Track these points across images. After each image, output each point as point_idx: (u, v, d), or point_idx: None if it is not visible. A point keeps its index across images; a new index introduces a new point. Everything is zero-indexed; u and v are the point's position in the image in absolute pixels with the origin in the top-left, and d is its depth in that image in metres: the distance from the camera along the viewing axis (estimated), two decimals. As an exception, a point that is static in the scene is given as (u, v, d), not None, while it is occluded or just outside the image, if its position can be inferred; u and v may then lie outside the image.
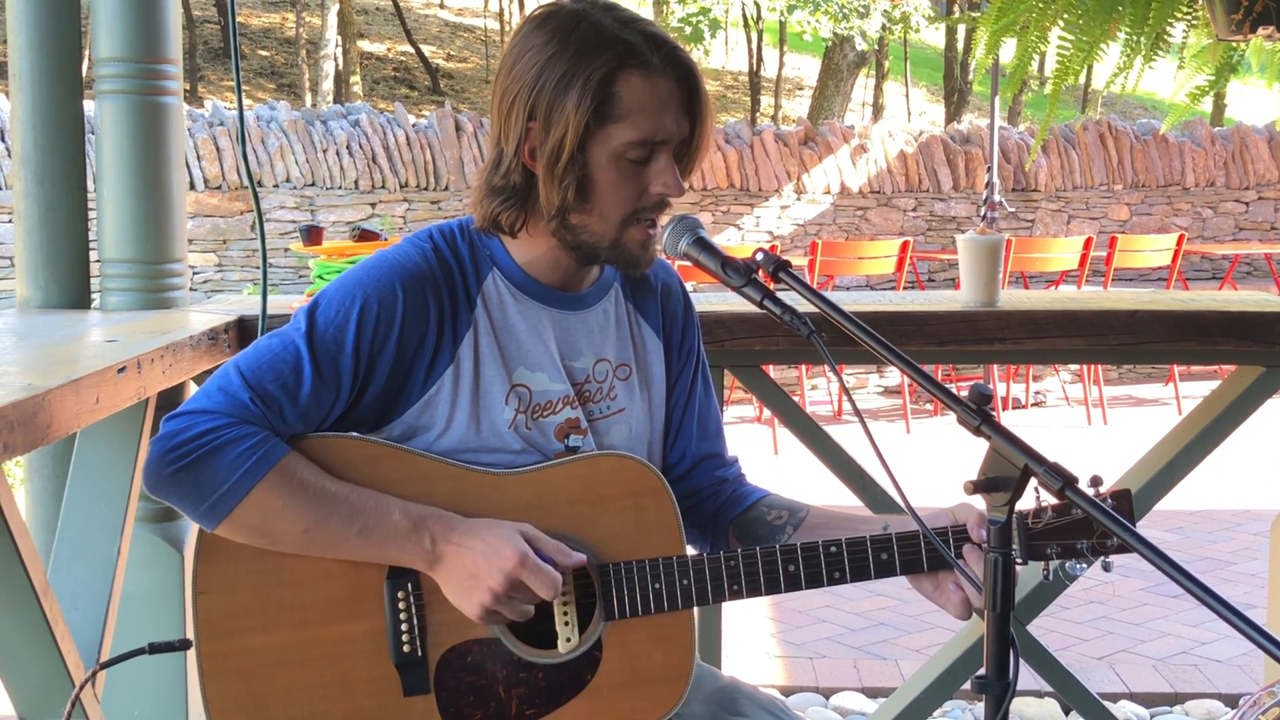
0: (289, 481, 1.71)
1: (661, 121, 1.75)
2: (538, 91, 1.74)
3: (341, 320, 1.76)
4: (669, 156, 1.78)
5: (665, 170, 1.78)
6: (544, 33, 1.76)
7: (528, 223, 1.83)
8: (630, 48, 1.73)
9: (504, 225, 1.82)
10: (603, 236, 1.80)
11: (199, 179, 8.90)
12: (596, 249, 1.82)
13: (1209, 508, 6.27)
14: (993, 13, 2.99)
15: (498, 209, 1.81)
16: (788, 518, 1.95)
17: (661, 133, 1.76)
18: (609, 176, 1.76)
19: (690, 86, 1.78)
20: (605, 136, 1.74)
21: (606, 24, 1.75)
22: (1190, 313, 2.93)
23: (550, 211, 1.78)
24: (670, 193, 1.79)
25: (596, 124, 1.73)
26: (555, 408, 1.87)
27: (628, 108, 1.73)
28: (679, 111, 1.78)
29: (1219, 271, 10.50)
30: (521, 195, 1.80)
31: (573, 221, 1.79)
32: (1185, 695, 4.07)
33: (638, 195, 1.78)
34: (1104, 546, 1.76)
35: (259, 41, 21.43)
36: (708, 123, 1.82)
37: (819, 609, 4.94)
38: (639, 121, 1.74)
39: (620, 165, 1.76)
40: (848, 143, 10.12)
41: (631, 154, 1.76)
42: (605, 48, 1.73)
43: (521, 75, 1.76)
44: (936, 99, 23.95)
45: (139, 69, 2.69)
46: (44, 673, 2.06)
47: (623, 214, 1.79)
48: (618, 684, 1.81)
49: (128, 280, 2.75)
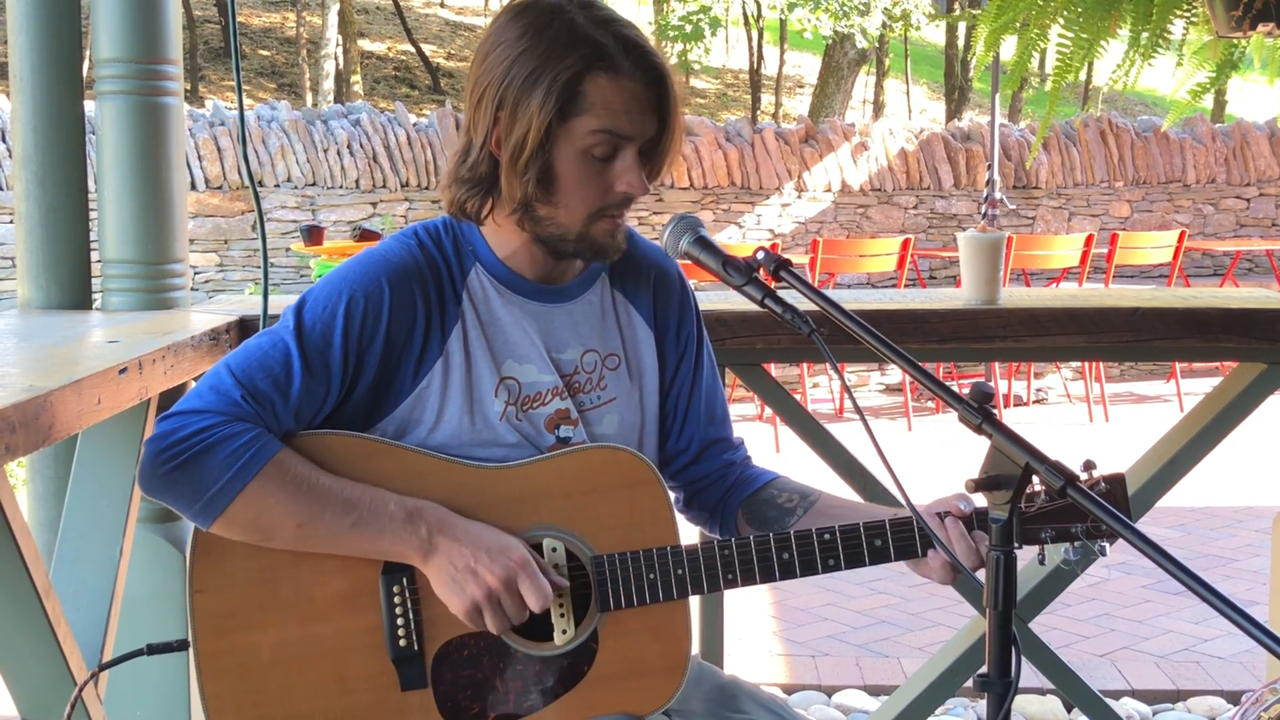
0: (282, 477, 1.73)
1: (625, 120, 1.76)
2: (506, 85, 1.76)
3: (329, 316, 1.78)
4: (634, 154, 1.79)
5: (629, 169, 1.79)
6: (518, 26, 1.78)
7: (495, 211, 1.85)
8: (600, 50, 1.75)
9: (470, 212, 1.85)
10: (569, 229, 1.82)
11: (200, 179, 8.90)
12: (564, 240, 1.84)
13: (1211, 504, 6.27)
14: (993, 10, 2.99)
15: (464, 196, 1.83)
16: (798, 500, 1.96)
17: (625, 128, 1.77)
18: (573, 172, 1.78)
19: (660, 90, 1.79)
20: (568, 131, 1.76)
21: (580, 23, 1.76)
22: (1192, 310, 2.93)
23: (512, 204, 1.80)
24: (634, 191, 1.81)
25: (559, 122, 1.75)
26: (545, 399, 1.88)
27: (591, 104, 1.75)
28: (646, 112, 1.79)
29: (1220, 268, 10.50)
30: (487, 184, 1.82)
31: (539, 213, 1.81)
32: (1188, 692, 4.07)
33: (602, 192, 1.80)
34: (1098, 530, 1.77)
35: (259, 41, 21.44)
36: (677, 124, 1.83)
37: (821, 607, 4.94)
38: (602, 115, 1.76)
39: (585, 161, 1.78)
40: (848, 140, 10.12)
41: (596, 150, 1.77)
42: (575, 48, 1.74)
43: (493, 67, 1.78)
44: (937, 96, 23.95)
45: (139, 69, 2.69)
46: (46, 673, 2.06)
47: (587, 210, 1.81)
48: (614, 675, 1.82)
49: (129, 281, 2.75)
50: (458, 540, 1.75)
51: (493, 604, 1.74)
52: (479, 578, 1.73)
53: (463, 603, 1.74)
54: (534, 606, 1.74)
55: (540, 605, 1.74)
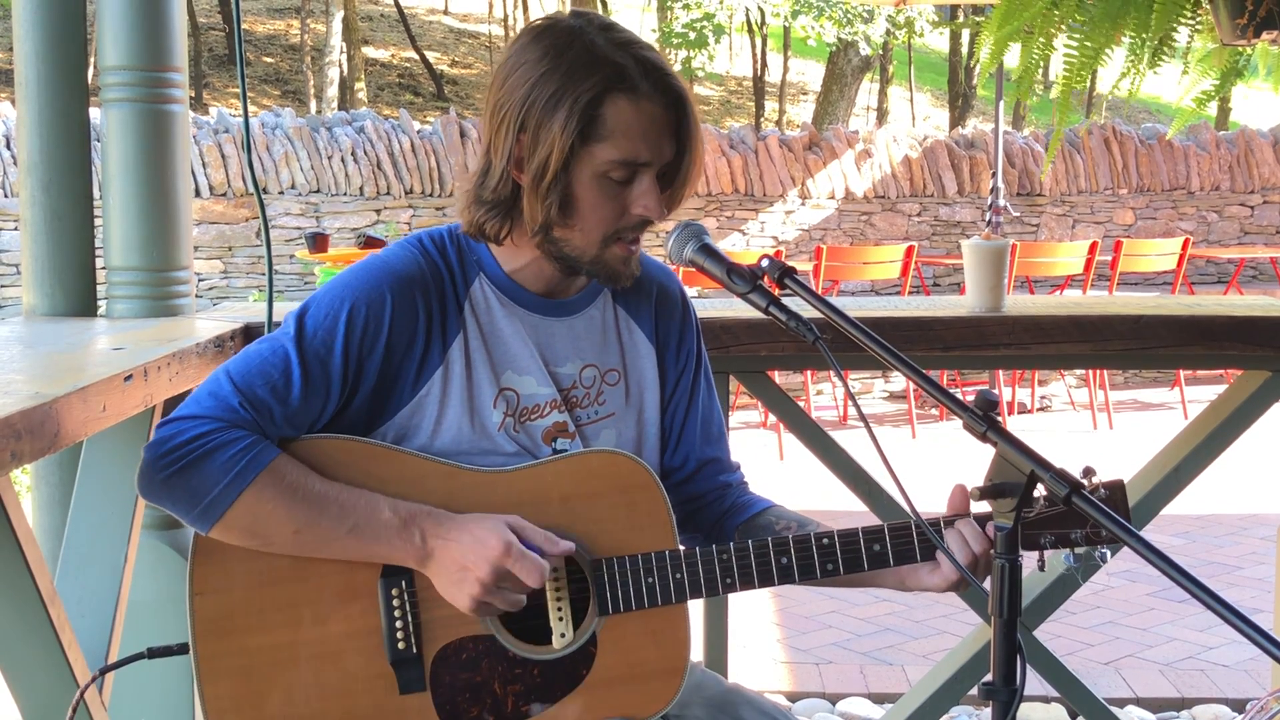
0: (279, 484, 1.73)
1: (644, 144, 1.77)
2: (528, 108, 1.76)
3: (330, 324, 1.79)
4: (652, 179, 1.80)
5: (647, 192, 1.80)
6: (538, 48, 1.79)
7: (513, 232, 1.85)
8: (620, 71, 1.76)
9: (489, 234, 1.85)
10: (584, 252, 1.83)
11: (204, 186, 8.91)
12: (578, 262, 1.85)
13: (1215, 512, 6.26)
14: (997, 18, 2.99)
15: (483, 218, 1.84)
16: (795, 529, 1.96)
17: (644, 155, 1.78)
18: (591, 195, 1.79)
19: (679, 113, 1.80)
20: (589, 155, 1.76)
21: (600, 45, 1.77)
22: (1196, 317, 2.93)
23: (534, 226, 1.81)
24: (651, 215, 1.81)
25: (581, 144, 1.75)
26: (542, 411, 1.89)
27: (611, 129, 1.76)
28: (665, 136, 1.80)
29: (1224, 275, 10.49)
30: (507, 206, 1.82)
31: (555, 235, 1.82)
32: (1192, 700, 4.07)
33: (619, 215, 1.81)
34: (1097, 536, 1.77)
35: (264, 48, 21.47)
36: (697, 148, 1.84)
37: (825, 614, 4.93)
38: (621, 143, 1.76)
39: (603, 184, 1.78)
40: (852, 148, 10.12)
41: (614, 174, 1.78)
42: (595, 69, 1.75)
43: (513, 89, 1.78)
44: (941, 104, 23.96)
45: (145, 77, 2.70)
46: (50, 680, 2.07)
47: (604, 232, 1.81)
48: (613, 679, 1.83)
49: (134, 288, 2.75)
50: (449, 540, 1.76)
51: (492, 594, 1.75)
52: (472, 575, 1.74)
53: (465, 602, 1.76)
54: (532, 583, 1.75)
55: (538, 580, 1.75)
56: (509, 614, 1.80)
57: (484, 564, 1.73)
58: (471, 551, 1.74)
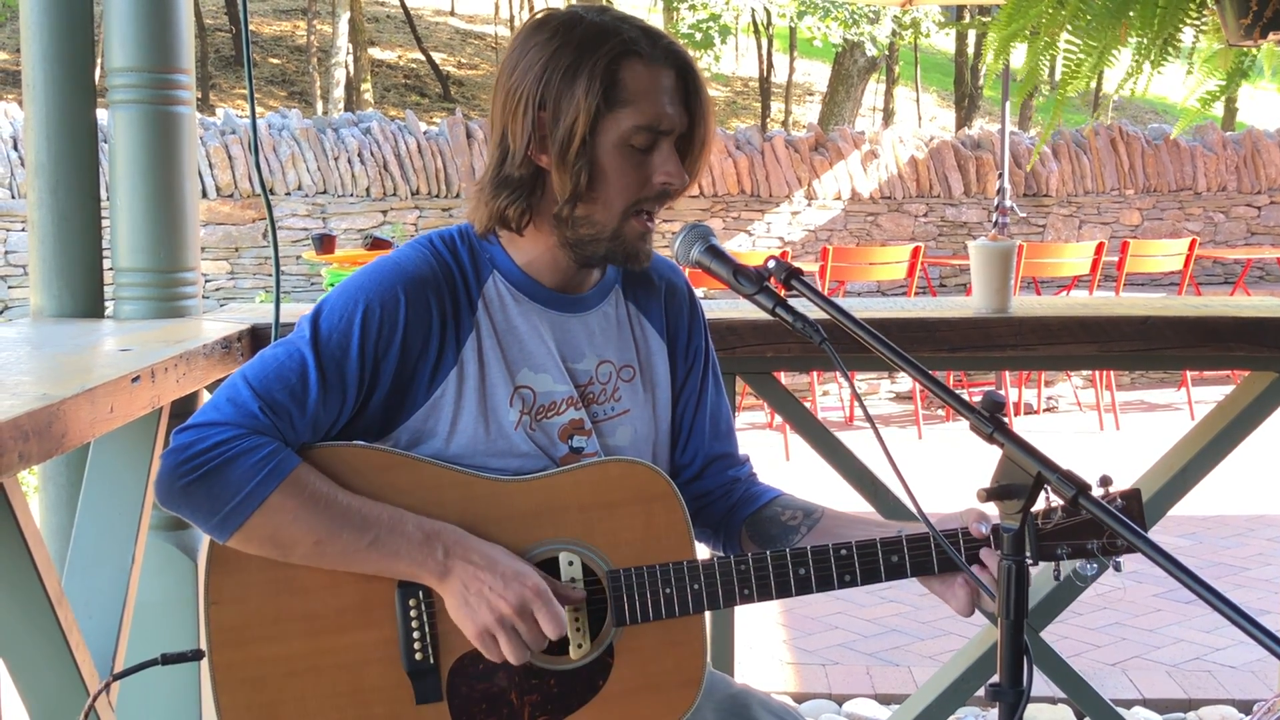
0: (301, 493, 1.72)
1: (664, 108, 1.79)
2: (545, 83, 1.77)
3: (345, 325, 1.78)
4: (671, 146, 1.82)
5: (668, 159, 1.81)
6: (545, 31, 1.81)
7: (534, 219, 1.85)
8: (629, 39, 1.78)
9: (511, 221, 1.84)
10: (604, 227, 1.82)
11: (211, 187, 8.92)
12: (597, 241, 1.84)
13: (1222, 513, 6.25)
14: (1003, 18, 2.99)
15: (505, 204, 1.83)
16: (802, 518, 1.96)
17: (665, 121, 1.80)
18: (614, 163, 1.79)
19: (687, 80, 1.83)
20: (614, 121, 1.78)
21: (604, 20, 1.80)
22: (1203, 318, 2.93)
23: (563, 198, 1.80)
24: (673, 181, 1.82)
25: (606, 109, 1.77)
26: (559, 409, 1.88)
27: (633, 93, 1.78)
28: (678, 102, 1.82)
29: (1231, 276, 10.47)
30: (528, 189, 1.82)
31: (578, 214, 1.81)
32: (1199, 701, 4.06)
33: (641, 184, 1.81)
34: (1114, 547, 1.77)
35: (270, 49, 21.49)
36: (709, 119, 1.86)
37: (832, 616, 4.93)
38: (643, 106, 1.78)
39: (625, 152, 1.79)
40: (858, 148, 10.12)
41: (636, 140, 1.79)
42: (606, 38, 1.78)
43: (526, 72, 1.79)
44: (947, 104, 23.94)
45: (152, 79, 2.70)
46: (59, 681, 2.07)
47: (626, 202, 1.81)
48: (630, 689, 1.82)
49: (141, 289, 2.75)
50: (473, 564, 1.74)
51: (505, 629, 1.73)
52: (492, 602, 1.73)
53: (475, 627, 1.74)
54: (550, 633, 1.74)
55: (556, 632, 1.74)
56: None
57: (514, 595, 1.72)
58: (503, 580, 1.72)
